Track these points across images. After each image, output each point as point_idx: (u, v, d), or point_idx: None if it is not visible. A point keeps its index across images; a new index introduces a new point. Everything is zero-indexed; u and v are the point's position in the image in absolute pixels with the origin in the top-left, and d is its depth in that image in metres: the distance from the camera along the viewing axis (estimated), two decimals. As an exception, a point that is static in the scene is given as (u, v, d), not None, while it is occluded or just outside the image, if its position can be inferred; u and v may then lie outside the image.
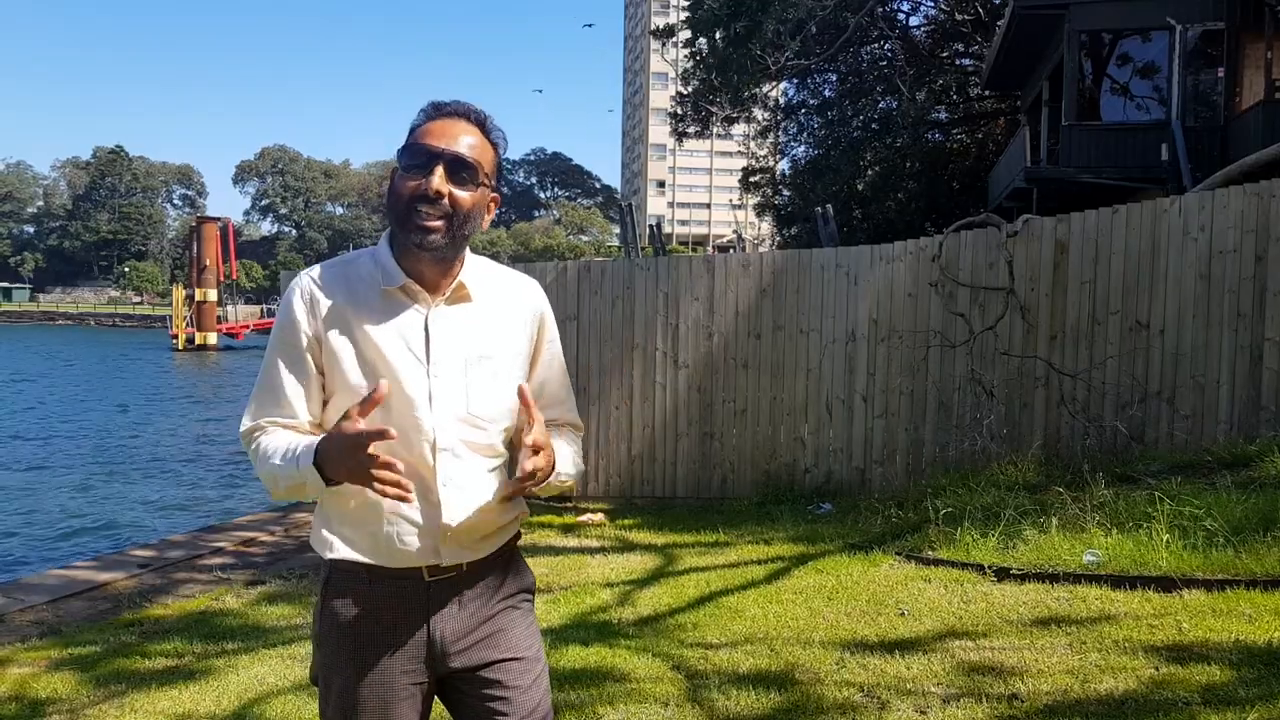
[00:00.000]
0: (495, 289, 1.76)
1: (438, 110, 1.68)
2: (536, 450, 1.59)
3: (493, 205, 1.73)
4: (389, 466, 1.51)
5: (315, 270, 1.73)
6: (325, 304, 1.67)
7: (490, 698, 1.71)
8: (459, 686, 1.73)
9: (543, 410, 1.76)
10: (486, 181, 1.67)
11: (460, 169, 1.63)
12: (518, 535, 1.82)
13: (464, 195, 1.63)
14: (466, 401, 1.67)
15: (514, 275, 1.81)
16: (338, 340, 1.66)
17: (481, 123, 1.69)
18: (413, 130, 1.68)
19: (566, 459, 1.76)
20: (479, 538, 1.71)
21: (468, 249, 1.73)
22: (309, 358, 1.67)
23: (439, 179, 1.61)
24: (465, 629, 1.71)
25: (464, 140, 1.64)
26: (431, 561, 1.66)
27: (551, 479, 1.67)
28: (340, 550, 1.68)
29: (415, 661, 1.69)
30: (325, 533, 1.70)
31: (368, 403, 1.52)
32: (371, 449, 1.50)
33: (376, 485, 1.52)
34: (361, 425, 1.50)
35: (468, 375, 1.68)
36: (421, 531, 1.65)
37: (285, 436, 1.66)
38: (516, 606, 1.78)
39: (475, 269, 1.74)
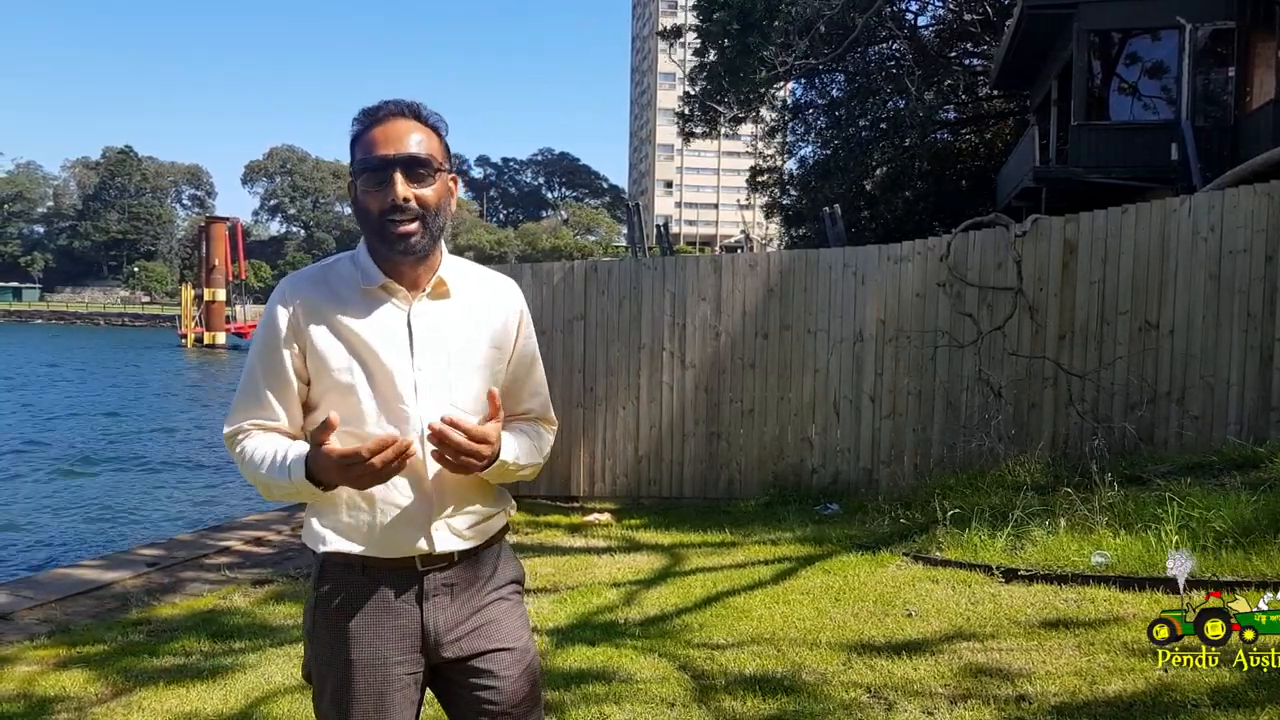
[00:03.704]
0: (474, 287, 1.80)
1: (372, 117, 1.70)
2: (477, 439, 1.60)
3: (454, 185, 1.76)
4: (384, 446, 1.53)
5: (296, 276, 1.77)
6: (307, 308, 1.70)
7: (480, 687, 1.73)
8: (450, 676, 1.76)
9: (520, 404, 1.86)
10: (442, 168, 1.71)
11: (416, 167, 1.66)
12: (506, 527, 1.86)
13: (427, 192, 1.67)
14: (450, 394, 1.71)
15: (492, 274, 1.86)
16: (324, 342, 1.69)
17: (418, 113, 1.71)
18: (356, 142, 1.70)
19: (526, 449, 1.79)
20: (468, 526, 1.74)
21: (445, 249, 1.77)
22: (289, 364, 1.71)
23: (401, 186, 1.64)
24: (457, 619, 1.73)
25: (411, 139, 1.67)
26: (424, 551, 1.70)
27: (495, 466, 1.68)
28: (334, 543, 1.70)
29: (410, 652, 1.71)
30: (318, 527, 1.73)
31: (326, 428, 1.55)
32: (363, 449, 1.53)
33: (386, 474, 1.56)
34: (339, 446, 1.54)
35: (450, 369, 1.72)
36: (415, 521, 1.69)
37: (269, 442, 1.69)
38: (507, 598, 1.81)
39: (453, 267, 1.78)
